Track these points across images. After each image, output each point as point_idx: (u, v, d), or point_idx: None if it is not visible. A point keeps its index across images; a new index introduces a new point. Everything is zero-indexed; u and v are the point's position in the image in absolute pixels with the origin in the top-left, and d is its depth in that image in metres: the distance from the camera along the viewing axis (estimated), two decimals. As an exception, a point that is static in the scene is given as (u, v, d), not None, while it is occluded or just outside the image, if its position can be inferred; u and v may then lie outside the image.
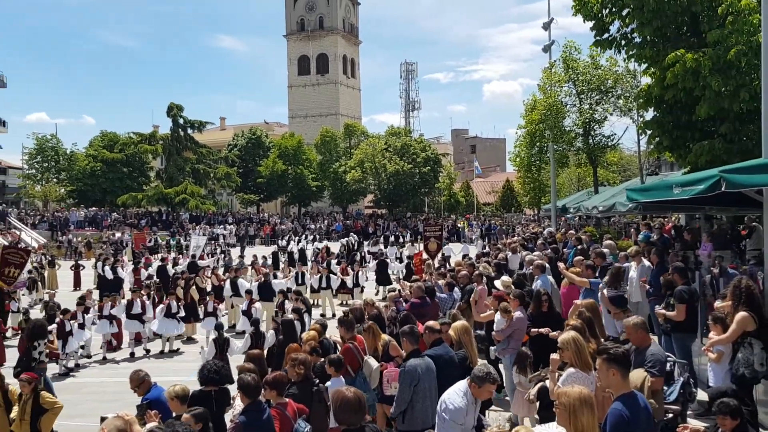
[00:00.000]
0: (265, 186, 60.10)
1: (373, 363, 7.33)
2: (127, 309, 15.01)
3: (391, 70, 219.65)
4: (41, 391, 7.41)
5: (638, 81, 25.15)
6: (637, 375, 5.65)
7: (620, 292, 8.84)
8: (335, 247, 32.30)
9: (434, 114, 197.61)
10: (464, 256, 18.72)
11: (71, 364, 13.65)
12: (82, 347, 14.27)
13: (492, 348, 8.97)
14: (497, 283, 10.65)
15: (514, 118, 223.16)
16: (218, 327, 11.24)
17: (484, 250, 21.51)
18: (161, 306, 15.40)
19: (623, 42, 15.03)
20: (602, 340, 6.90)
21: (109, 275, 22.18)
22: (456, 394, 5.31)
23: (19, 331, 14.98)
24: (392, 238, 39.67)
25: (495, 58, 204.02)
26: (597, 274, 10.31)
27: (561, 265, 11.39)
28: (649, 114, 17.32)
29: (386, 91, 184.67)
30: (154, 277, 22.12)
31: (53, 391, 9.64)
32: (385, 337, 8.18)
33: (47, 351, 10.47)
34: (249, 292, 15.96)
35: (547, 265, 11.78)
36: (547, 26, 28.68)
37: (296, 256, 28.36)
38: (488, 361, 9.46)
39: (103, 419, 4.90)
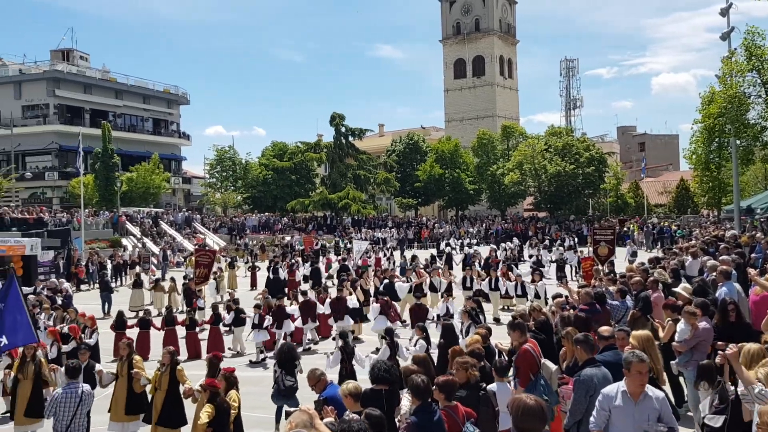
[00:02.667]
0: (422, 190, 60.91)
1: (552, 366, 7.12)
2: (336, 306, 15.74)
3: (551, 68, 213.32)
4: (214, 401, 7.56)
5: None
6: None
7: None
8: (485, 251, 32.06)
9: (598, 111, 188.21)
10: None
11: (254, 358, 14.69)
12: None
13: (673, 362, 8.34)
14: (678, 290, 9.90)
15: (689, 112, 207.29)
16: (343, 336, 11.16)
17: (659, 255, 20.20)
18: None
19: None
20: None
21: (272, 276, 24.01)
22: (613, 384, 5.46)
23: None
24: (567, 243, 38.08)
25: (663, 49, 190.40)
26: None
27: (751, 271, 10.35)
28: None
29: (545, 90, 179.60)
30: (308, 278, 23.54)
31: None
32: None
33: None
34: (382, 293, 16.45)
35: (733, 271, 10.79)
36: (725, 12, 26.40)
37: (457, 260, 28.46)
38: (668, 376, 8.86)
39: (287, 414, 5.21)
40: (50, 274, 27.34)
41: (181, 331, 15.61)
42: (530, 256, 28.14)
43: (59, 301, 17.78)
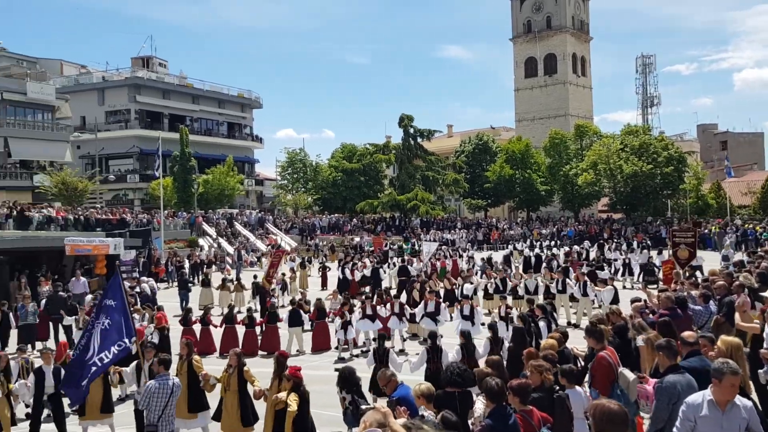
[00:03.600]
0: (492, 191, 60.16)
1: (629, 375, 6.90)
2: (425, 307, 15.78)
3: (626, 65, 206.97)
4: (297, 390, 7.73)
5: None
6: None
7: None
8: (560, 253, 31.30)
9: (676, 109, 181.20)
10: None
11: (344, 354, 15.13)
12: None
13: (761, 371, 7.91)
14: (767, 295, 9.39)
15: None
16: (381, 338, 11.14)
17: (743, 258, 19.20)
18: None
19: None
20: None
21: (342, 276, 24.34)
22: (698, 393, 5.26)
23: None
24: (637, 245, 36.72)
25: (746, 43, 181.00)
26: None
27: None
28: None
29: (620, 87, 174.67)
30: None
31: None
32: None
33: None
34: (465, 296, 16.39)
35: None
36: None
37: (532, 261, 27.79)
38: (756, 387, 8.41)
39: (362, 413, 5.25)
40: (132, 272, 28.50)
41: (240, 329, 16.02)
42: (614, 260, 27.23)
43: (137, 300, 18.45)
